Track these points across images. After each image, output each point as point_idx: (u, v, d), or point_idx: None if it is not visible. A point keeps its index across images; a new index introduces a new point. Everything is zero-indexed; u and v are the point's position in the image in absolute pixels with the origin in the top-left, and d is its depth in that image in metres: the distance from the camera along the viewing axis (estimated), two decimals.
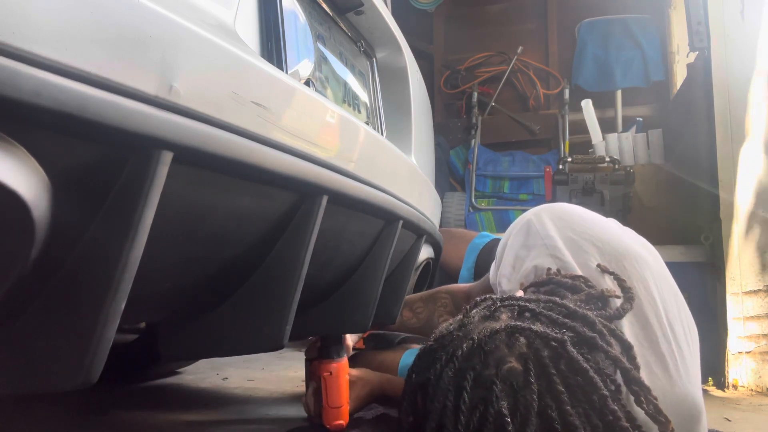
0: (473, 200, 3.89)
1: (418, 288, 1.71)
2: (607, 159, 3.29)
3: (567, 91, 4.02)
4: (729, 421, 1.61)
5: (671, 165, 3.20)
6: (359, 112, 1.31)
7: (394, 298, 1.43)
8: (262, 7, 0.91)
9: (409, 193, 1.29)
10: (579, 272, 0.89)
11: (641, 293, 0.88)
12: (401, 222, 1.22)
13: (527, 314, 0.71)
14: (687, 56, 2.86)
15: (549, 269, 0.89)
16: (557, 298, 0.76)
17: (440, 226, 1.84)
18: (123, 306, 0.56)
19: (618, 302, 0.82)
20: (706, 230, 2.37)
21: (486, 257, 1.90)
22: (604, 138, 3.65)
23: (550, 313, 0.71)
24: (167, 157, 0.57)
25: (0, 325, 0.57)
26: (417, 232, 1.42)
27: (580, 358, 0.64)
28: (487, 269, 1.85)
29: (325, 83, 1.14)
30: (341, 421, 1.19)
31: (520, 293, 0.83)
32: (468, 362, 0.67)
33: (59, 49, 0.47)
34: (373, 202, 1.05)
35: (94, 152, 0.53)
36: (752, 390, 2.10)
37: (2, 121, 0.45)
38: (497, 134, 4.18)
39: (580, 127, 3.82)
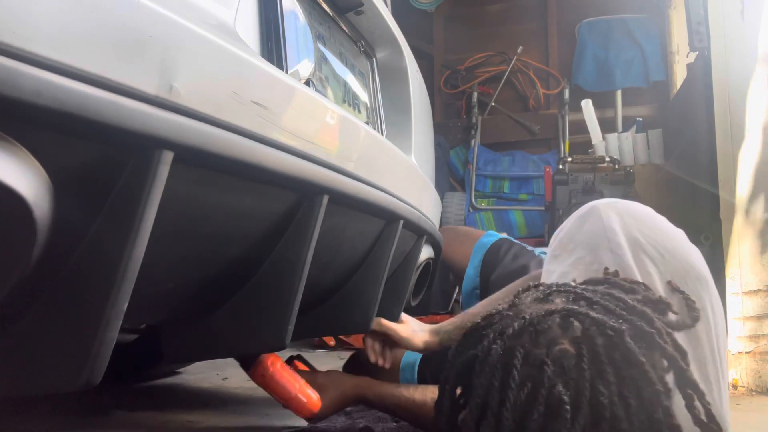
0: (473, 200, 3.89)
1: (417, 288, 1.71)
2: (607, 159, 3.29)
3: (567, 91, 4.02)
4: None
5: (671, 165, 3.20)
6: (359, 112, 1.31)
7: (395, 298, 1.43)
8: (262, 7, 0.91)
9: (409, 193, 1.29)
10: (638, 276, 0.84)
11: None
12: (402, 222, 1.22)
13: (583, 302, 0.68)
14: (687, 56, 2.87)
15: (606, 269, 0.85)
16: (615, 292, 0.73)
17: (440, 226, 1.84)
18: (125, 307, 0.56)
19: (673, 316, 0.78)
20: (706, 230, 2.37)
21: (493, 256, 1.89)
22: (604, 138, 3.66)
23: (607, 303, 0.68)
24: (168, 156, 0.57)
25: (2, 327, 0.57)
26: (417, 232, 1.42)
27: (636, 350, 0.62)
28: (494, 269, 1.84)
29: (325, 83, 1.14)
30: (310, 409, 1.16)
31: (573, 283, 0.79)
32: (517, 340, 0.64)
33: (60, 49, 0.47)
34: (373, 202, 1.05)
35: (95, 152, 0.53)
36: (752, 390, 2.10)
37: (3, 121, 0.45)
38: (497, 134, 4.19)
39: (580, 127, 3.82)
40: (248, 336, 0.91)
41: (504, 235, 2.01)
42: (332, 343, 3.06)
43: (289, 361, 1.36)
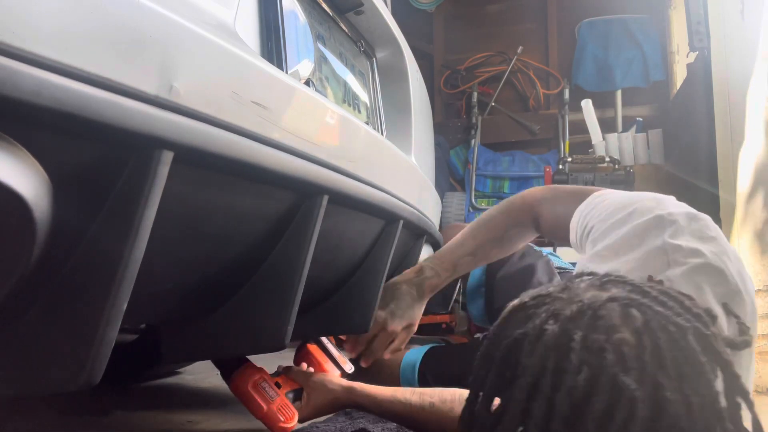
0: (473, 200, 3.89)
1: None
2: (607, 159, 3.29)
3: (567, 91, 4.02)
4: None
5: (671, 165, 3.20)
6: (359, 112, 1.31)
7: None
8: (262, 7, 0.91)
9: (409, 193, 1.28)
10: (690, 291, 0.78)
11: None
12: (402, 222, 1.22)
13: (641, 295, 0.65)
14: (687, 56, 2.87)
15: (650, 277, 0.80)
16: (672, 290, 0.69)
17: (440, 226, 1.83)
18: (125, 307, 0.56)
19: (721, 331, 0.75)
20: None
21: None
22: (604, 138, 3.66)
23: (665, 300, 0.65)
24: (168, 156, 0.57)
25: (2, 326, 0.57)
26: (417, 232, 1.42)
27: (698, 350, 0.60)
28: (500, 267, 1.84)
29: (325, 83, 1.14)
30: (282, 427, 1.15)
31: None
32: (574, 323, 0.61)
33: (59, 49, 0.47)
34: (373, 202, 1.05)
35: (94, 152, 0.53)
36: (752, 390, 2.10)
37: (2, 121, 0.45)
38: (497, 134, 4.19)
39: (580, 127, 3.82)
40: (248, 336, 0.91)
41: None
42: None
43: (306, 342, 1.38)
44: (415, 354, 1.57)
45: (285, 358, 2.55)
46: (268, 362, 1.23)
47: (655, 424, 0.56)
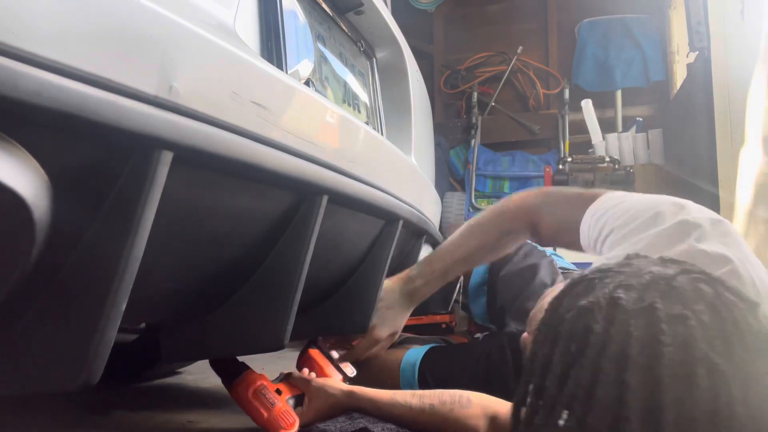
0: (473, 200, 3.89)
1: None
2: (607, 159, 3.29)
3: (567, 91, 4.02)
4: None
5: (671, 165, 3.20)
6: (359, 112, 1.31)
7: None
8: (262, 7, 0.91)
9: (409, 193, 1.28)
10: None
11: None
12: (401, 222, 1.22)
13: (702, 273, 0.62)
14: (687, 56, 2.86)
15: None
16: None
17: (440, 226, 1.83)
18: (124, 307, 0.56)
19: None
20: None
21: None
22: (604, 138, 3.65)
23: (731, 284, 0.62)
24: (167, 157, 0.57)
25: (2, 326, 0.57)
26: (417, 232, 1.42)
27: (766, 327, 0.58)
28: (503, 265, 1.83)
29: (325, 83, 1.14)
30: (284, 431, 1.15)
31: None
32: (651, 292, 0.58)
33: (59, 49, 0.47)
34: (373, 202, 1.05)
35: (94, 152, 0.53)
36: None
37: (2, 121, 0.45)
38: (497, 134, 4.18)
39: (580, 127, 3.82)
40: (248, 336, 0.91)
41: None
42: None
43: (308, 347, 1.38)
44: (415, 354, 1.57)
45: (286, 358, 2.55)
46: (269, 363, 1.23)
47: (743, 401, 0.53)
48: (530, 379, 0.62)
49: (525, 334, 1.07)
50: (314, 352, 1.37)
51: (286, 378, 1.25)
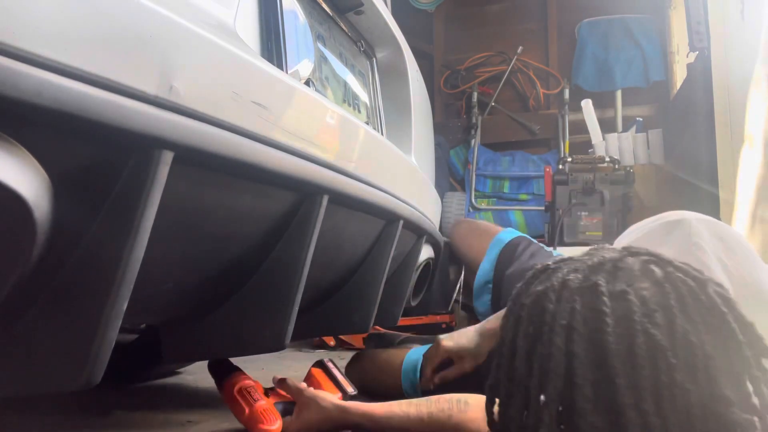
0: (473, 200, 3.89)
1: (417, 288, 1.71)
2: (607, 159, 3.29)
3: (567, 91, 4.02)
4: None
5: (671, 165, 3.20)
6: (359, 112, 1.31)
7: (396, 298, 1.43)
8: (262, 7, 0.91)
9: (409, 193, 1.29)
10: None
11: None
12: (402, 222, 1.22)
13: (665, 261, 0.65)
14: (687, 56, 2.86)
15: None
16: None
17: (440, 226, 1.83)
18: (125, 307, 0.56)
19: None
20: None
21: (510, 252, 1.88)
22: (604, 138, 3.65)
23: (682, 265, 0.65)
24: (168, 156, 0.57)
25: (2, 327, 0.57)
26: (417, 232, 1.42)
27: (719, 301, 0.61)
28: (509, 264, 1.84)
29: (325, 83, 1.14)
30: (263, 426, 1.14)
31: None
32: (596, 272, 0.62)
33: (59, 49, 0.47)
34: (373, 202, 1.05)
35: (95, 152, 0.53)
36: None
37: (3, 121, 0.45)
38: (497, 134, 4.18)
39: (580, 127, 3.82)
40: (248, 336, 0.91)
41: (523, 234, 2.00)
42: (332, 343, 3.06)
43: (318, 365, 1.39)
44: (416, 353, 1.57)
45: (286, 358, 2.55)
46: (269, 363, 1.23)
47: (691, 370, 0.57)
48: (501, 364, 0.66)
49: None
50: (316, 371, 1.37)
51: (278, 384, 1.24)
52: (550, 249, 1.84)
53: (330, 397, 1.19)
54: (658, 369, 0.57)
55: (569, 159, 3.31)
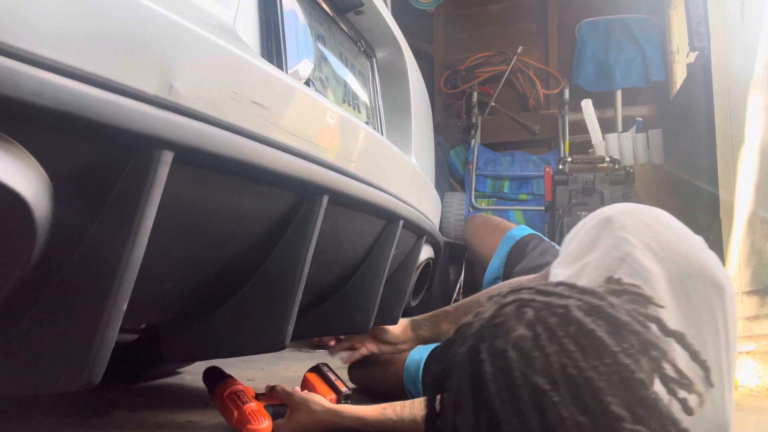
0: (473, 200, 3.89)
1: (417, 288, 1.71)
2: (607, 159, 3.29)
3: (567, 91, 4.02)
4: None
5: (671, 165, 3.20)
6: (359, 112, 1.31)
7: (396, 298, 1.43)
8: (262, 7, 0.91)
9: (409, 193, 1.29)
10: (647, 281, 0.85)
11: (705, 318, 0.86)
12: (402, 222, 1.22)
13: (539, 294, 0.71)
14: (687, 56, 2.86)
15: (611, 277, 0.85)
16: (567, 281, 0.75)
17: (440, 226, 1.83)
18: (125, 307, 0.56)
19: (662, 311, 0.79)
20: (706, 230, 2.37)
21: (520, 250, 1.88)
22: (604, 138, 3.65)
23: (560, 290, 0.71)
24: (168, 156, 0.57)
25: (2, 327, 0.57)
26: (417, 232, 1.42)
27: (587, 320, 0.65)
28: (519, 261, 1.84)
29: (325, 83, 1.14)
30: (251, 427, 1.13)
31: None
32: (479, 338, 0.68)
33: (60, 49, 0.47)
34: (373, 202, 1.05)
35: (95, 152, 0.53)
36: (753, 390, 2.10)
37: (3, 121, 0.45)
38: (497, 134, 4.18)
39: (580, 127, 3.82)
40: (248, 336, 0.91)
41: (533, 231, 2.01)
42: (332, 343, 3.05)
43: (313, 369, 1.41)
44: (419, 353, 1.57)
45: (286, 358, 2.55)
46: (269, 363, 1.22)
47: (578, 401, 0.60)
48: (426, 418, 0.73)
49: None
50: (311, 375, 1.38)
51: (269, 390, 1.24)
52: (560, 248, 1.84)
53: (321, 400, 1.19)
54: (545, 412, 0.60)
55: (569, 159, 3.31)
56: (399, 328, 1.49)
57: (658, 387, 0.66)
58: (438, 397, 0.71)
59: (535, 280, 1.24)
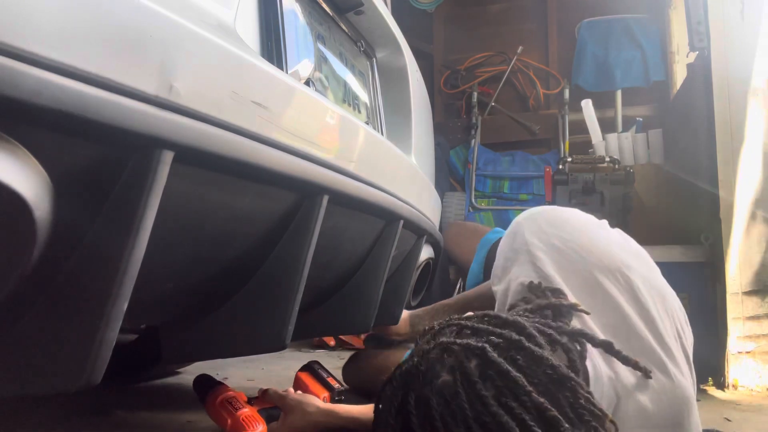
0: (473, 200, 3.88)
1: (417, 288, 1.71)
2: (607, 159, 3.28)
3: (567, 91, 4.02)
4: (729, 421, 1.61)
5: (671, 165, 3.20)
6: (359, 112, 1.31)
7: (396, 298, 1.43)
8: (262, 7, 0.91)
9: (409, 193, 1.28)
10: (560, 284, 0.89)
11: (626, 304, 0.89)
12: (402, 222, 1.22)
13: (467, 331, 0.74)
14: (687, 56, 2.86)
15: (531, 282, 0.90)
16: (492, 312, 0.78)
17: (440, 226, 1.83)
18: (125, 307, 0.56)
19: (584, 318, 0.85)
20: (706, 230, 2.37)
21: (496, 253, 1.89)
22: (604, 138, 3.65)
23: (482, 326, 0.74)
24: (168, 156, 0.57)
25: (2, 327, 0.57)
26: (417, 232, 1.42)
27: (499, 360, 0.67)
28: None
29: (325, 83, 1.14)
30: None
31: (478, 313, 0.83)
32: (408, 384, 0.70)
33: (60, 49, 0.47)
34: (373, 202, 1.05)
35: (95, 152, 0.53)
36: (752, 390, 2.10)
37: (3, 121, 0.45)
38: (497, 134, 4.18)
39: (580, 127, 3.82)
40: (248, 336, 0.91)
41: None
42: (332, 343, 3.06)
43: (305, 368, 1.41)
44: None
45: (286, 358, 2.55)
46: (269, 363, 1.22)
47: None
48: None
49: None
50: (303, 374, 1.38)
51: (262, 394, 1.23)
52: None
53: (315, 401, 1.19)
54: None
55: (569, 159, 3.31)
56: (401, 320, 1.51)
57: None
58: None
59: (479, 291, 1.28)
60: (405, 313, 1.56)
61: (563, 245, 0.93)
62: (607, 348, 0.81)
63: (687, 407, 0.87)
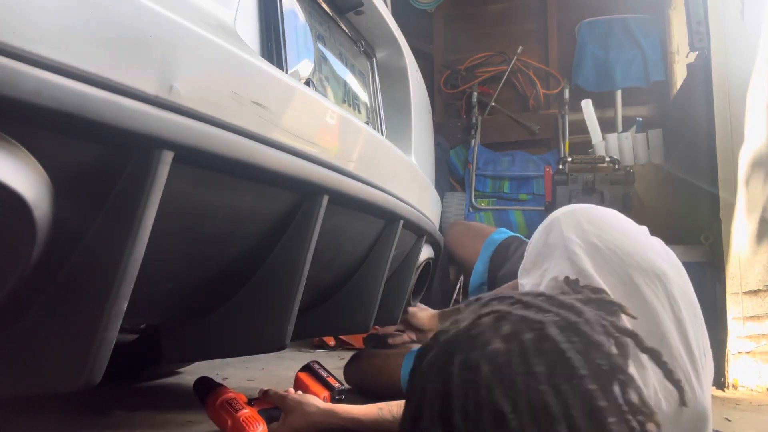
0: (473, 200, 3.88)
1: (417, 288, 1.71)
2: (607, 159, 3.28)
3: (567, 91, 4.02)
4: (729, 421, 1.61)
5: (671, 165, 3.20)
6: (359, 112, 1.31)
7: (396, 298, 1.43)
8: (262, 7, 0.91)
9: (409, 193, 1.28)
10: (599, 282, 0.87)
11: (663, 311, 0.88)
12: (402, 222, 1.22)
13: (518, 305, 0.71)
14: (687, 56, 2.86)
15: (567, 277, 0.87)
16: (547, 292, 0.75)
17: (440, 226, 1.83)
18: (125, 307, 0.56)
19: (627, 319, 0.82)
20: (706, 230, 2.37)
21: (502, 253, 1.88)
22: (604, 138, 3.65)
23: (539, 303, 0.71)
24: (168, 156, 0.57)
25: (2, 327, 0.57)
26: (417, 232, 1.42)
27: (560, 339, 0.64)
28: (502, 265, 1.84)
29: (325, 83, 1.14)
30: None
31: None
32: (454, 347, 0.67)
33: (59, 49, 0.47)
34: (373, 202, 1.05)
35: (94, 152, 0.53)
36: (752, 390, 2.10)
37: (3, 121, 0.45)
38: (497, 134, 4.18)
39: (580, 127, 3.82)
40: (248, 336, 0.91)
41: (515, 233, 2.01)
42: (332, 343, 3.06)
43: (305, 368, 1.41)
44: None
45: (286, 358, 2.55)
46: (269, 363, 1.22)
47: (534, 422, 0.60)
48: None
49: None
50: (302, 374, 1.38)
51: (262, 395, 1.23)
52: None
53: (315, 401, 1.19)
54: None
55: (569, 159, 3.31)
56: (427, 317, 1.50)
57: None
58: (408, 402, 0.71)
59: (510, 288, 1.26)
60: (432, 312, 1.54)
61: (602, 244, 0.91)
62: (653, 356, 0.76)
63: (704, 426, 0.86)
